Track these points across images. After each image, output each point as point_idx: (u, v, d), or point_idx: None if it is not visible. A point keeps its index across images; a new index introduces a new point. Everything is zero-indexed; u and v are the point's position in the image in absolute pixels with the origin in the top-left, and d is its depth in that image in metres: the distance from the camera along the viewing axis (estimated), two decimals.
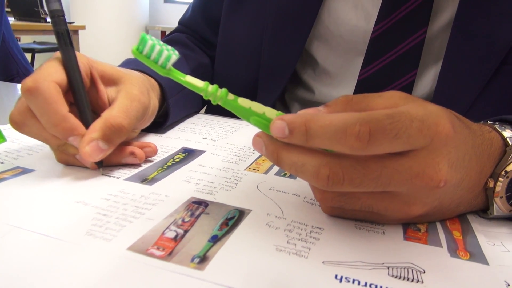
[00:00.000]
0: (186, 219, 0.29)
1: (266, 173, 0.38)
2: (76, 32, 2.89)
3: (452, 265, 0.26)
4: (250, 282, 0.23)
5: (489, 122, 0.33)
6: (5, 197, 0.30)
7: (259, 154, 0.43)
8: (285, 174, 0.38)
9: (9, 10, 3.05)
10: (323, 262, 0.25)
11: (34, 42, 3.78)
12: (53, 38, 4.09)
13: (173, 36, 0.66)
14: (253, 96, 0.59)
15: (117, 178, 0.35)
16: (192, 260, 0.24)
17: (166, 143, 0.45)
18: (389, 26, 0.49)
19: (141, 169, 0.38)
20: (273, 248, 0.26)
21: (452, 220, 0.32)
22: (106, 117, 0.34)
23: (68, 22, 2.96)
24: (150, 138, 0.47)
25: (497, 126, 0.32)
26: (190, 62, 0.58)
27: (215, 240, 0.26)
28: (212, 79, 0.64)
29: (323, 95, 0.59)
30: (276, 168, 0.40)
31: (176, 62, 0.28)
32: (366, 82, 0.52)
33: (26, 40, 3.98)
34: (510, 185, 0.30)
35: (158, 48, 0.28)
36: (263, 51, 0.58)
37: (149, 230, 0.27)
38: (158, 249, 0.25)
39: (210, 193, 0.33)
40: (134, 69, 0.44)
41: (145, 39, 0.27)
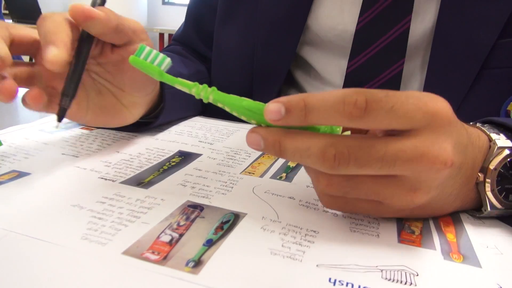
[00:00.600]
0: (182, 223, 0.29)
1: (261, 176, 0.39)
2: None
3: (445, 268, 0.26)
4: (244, 286, 0.23)
5: (471, 123, 0.34)
6: (1, 201, 0.31)
7: (255, 158, 0.43)
8: (280, 177, 0.39)
9: (6, 12, 3.05)
10: (317, 265, 0.25)
11: None
12: None
13: (169, 48, 0.67)
14: None
15: (113, 181, 0.35)
16: (186, 264, 0.24)
17: (163, 147, 0.45)
18: (372, 17, 0.50)
19: (137, 172, 0.38)
20: (267, 251, 0.26)
21: (446, 222, 0.32)
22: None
23: None
24: (146, 140, 0.47)
25: (479, 125, 0.33)
26: (189, 67, 0.59)
27: (210, 244, 0.26)
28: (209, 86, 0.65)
29: None
30: (271, 171, 0.40)
31: (174, 66, 0.30)
32: (354, 74, 0.53)
33: None
34: (499, 178, 0.30)
35: (154, 52, 0.31)
36: (256, 59, 0.59)
37: (144, 234, 0.27)
38: (153, 253, 0.25)
39: (205, 196, 0.33)
40: None
41: (142, 47, 0.31)
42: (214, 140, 0.49)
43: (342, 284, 0.24)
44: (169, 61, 0.32)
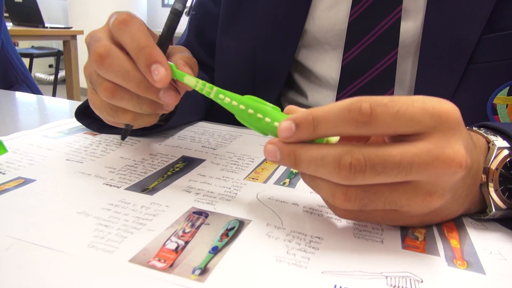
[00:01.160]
0: (187, 230, 0.29)
1: (265, 182, 0.39)
2: (74, 37, 2.90)
3: (449, 274, 0.26)
4: None
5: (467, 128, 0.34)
6: (7, 209, 0.31)
7: (258, 163, 0.44)
8: (284, 183, 0.39)
9: (7, 15, 3.06)
10: (322, 272, 0.25)
11: (32, 47, 3.78)
12: (50, 43, 4.09)
13: None
14: None
15: (117, 187, 0.36)
16: (193, 272, 0.24)
17: (166, 152, 0.46)
18: (363, 9, 0.51)
19: (141, 178, 0.38)
20: (273, 259, 0.26)
21: (449, 228, 0.32)
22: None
23: (66, 27, 2.95)
24: (150, 146, 0.47)
25: (475, 129, 0.33)
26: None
27: (216, 251, 0.27)
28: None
29: (315, 100, 0.61)
30: (275, 177, 0.40)
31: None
32: (350, 67, 0.54)
33: (24, 45, 3.98)
34: (501, 178, 0.31)
35: None
36: (257, 63, 0.60)
37: (150, 242, 0.27)
38: (159, 261, 0.25)
39: (210, 203, 0.34)
40: None
41: None
42: (217, 145, 0.49)
43: None
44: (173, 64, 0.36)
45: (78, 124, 0.53)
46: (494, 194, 0.31)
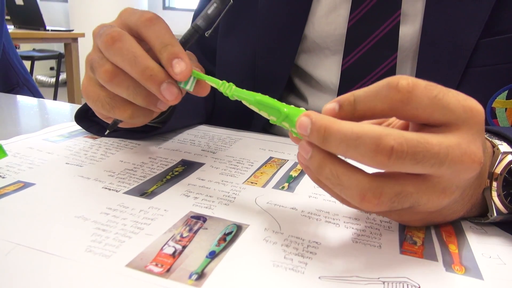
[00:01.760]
0: (185, 234, 0.29)
1: (264, 186, 0.39)
2: (75, 39, 2.91)
3: (447, 280, 0.26)
4: None
5: None
6: (7, 213, 0.31)
7: (258, 167, 0.44)
8: (283, 187, 0.39)
9: (8, 18, 3.07)
10: (320, 277, 0.25)
11: (34, 50, 3.79)
12: (52, 46, 4.10)
13: None
14: None
15: (116, 191, 0.36)
16: (190, 276, 0.24)
17: (166, 156, 0.46)
18: (363, 14, 0.51)
19: (140, 182, 0.38)
20: (270, 264, 0.26)
21: (448, 232, 0.32)
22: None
23: (68, 30, 2.96)
24: (149, 149, 0.47)
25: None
26: None
27: (213, 256, 0.27)
28: (213, 99, 0.68)
29: (316, 104, 0.61)
30: (274, 181, 0.40)
31: None
32: (349, 71, 0.54)
33: (25, 47, 4.00)
34: (504, 183, 0.31)
35: None
36: (257, 68, 0.60)
37: (148, 246, 0.27)
38: (156, 265, 0.25)
39: (208, 207, 0.34)
40: None
41: None
42: (216, 149, 0.49)
43: None
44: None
45: (79, 127, 0.53)
46: (496, 198, 0.31)
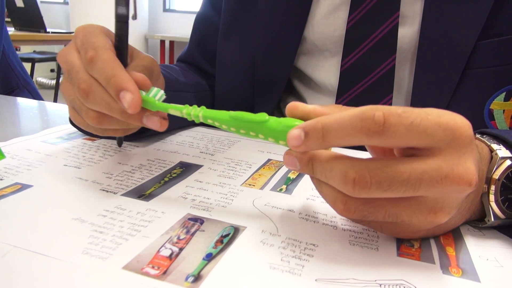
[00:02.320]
0: (182, 237, 0.29)
1: (262, 188, 0.39)
2: None
3: (443, 282, 0.26)
4: None
5: None
6: (4, 215, 0.31)
7: (256, 169, 0.44)
8: (281, 190, 0.39)
9: (9, 20, 3.08)
10: (316, 280, 0.25)
11: (34, 52, 3.80)
12: (52, 48, 4.10)
13: (172, 65, 0.69)
14: (250, 110, 0.61)
15: (114, 193, 0.36)
16: (186, 279, 0.24)
17: (164, 158, 0.46)
18: (362, 15, 0.51)
19: (138, 184, 0.38)
20: (267, 266, 0.26)
21: (445, 235, 0.32)
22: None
23: (67, 32, 2.96)
24: (148, 151, 0.47)
25: (478, 136, 0.33)
26: (187, 77, 0.60)
27: (210, 258, 0.27)
28: (212, 100, 0.68)
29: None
30: (272, 183, 0.40)
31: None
32: (348, 72, 0.54)
33: (26, 49, 4.00)
34: (502, 188, 0.31)
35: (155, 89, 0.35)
36: (256, 70, 0.60)
37: (144, 248, 0.27)
38: (153, 267, 0.25)
39: (206, 209, 0.34)
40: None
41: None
42: (215, 150, 0.49)
43: None
44: (163, 93, 0.35)
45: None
46: (494, 204, 0.31)
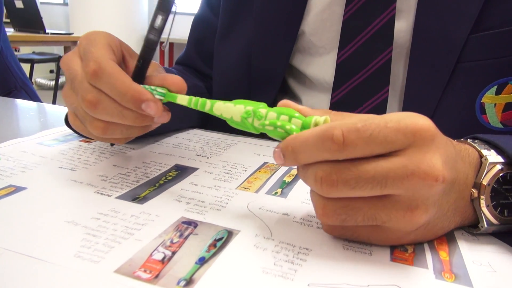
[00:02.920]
0: (175, 240, 0.29)
1: (257, 191, 0.39)
2: (75, 43, 2.92)
3: (436, 287, 0.26)
4: None
5: (462, 139, 0.34)
6: None
7: (251, 172, 0.44)
8: (276, 193, 0.39)
9: (8, 21, 3.08)
10: (308, 285, 0.25)
11: (33, 53, 3.80)
12: (51, 49, 4.09)
13: (170, 67, 0.69)
14: None
15: (108, 196, 0.36)
16: (178, 283, 0.24)
17: (160, 160, 0.46)
18: (358, 7, 0.51)
19: (133, 187, 0.38)
20: (259, 270, 0.26)
21: (439, 240, 0.32)
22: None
23: (68, 33, 2.96)
24: (144, 154, 0.47)
25: (470, 141, 0.33)
26: (185, 79, 0.60)
27: (202, 262, 0.27)
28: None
29: (309, 104, 0.62)
30: (267, 186, 0.40)
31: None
32: (344, 65, 0.54)
33: (25, 50, 4.00)
34: (493, 193, 0.31)
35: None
36: (252, 69, 0.61)
37: (137, 252, 0.27)
38: (145, 271, 0.25)
39: (200, 212, 0.34)
40: None
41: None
42: (211, 153, 0.49)
43: None
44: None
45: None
46: (485, 209, 0.31)
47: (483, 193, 0.30)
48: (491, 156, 0.31)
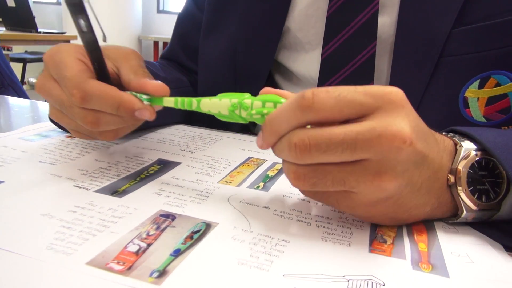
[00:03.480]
0: (151, 233, 0.29)
1: (239, 185, 0.38)
2: (67, 42, 2.90)
3: (412, 278, 0.26)
4: None
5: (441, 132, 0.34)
6: None
7: (235, 166, 0.43)
8: (258, 187, 0.38)
9: (0, 20, 3.05)
10: (284, 275, 0.25)
11: (26, 52, 3.77)
12: (44, 48, 4.08)
13: (153, 62, 0.68)
14: None
15: (87, 189, 0.35)
16: (151, 274, 0.24)
17: (143, 155, 0.45)
18: (342, 2, 0.51)
19: (113, 180, 0.38)
20: (235, 261, 0.26)
21: (419, 231, 0.32)
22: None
23: (60, 33, 2.94)
24: (127, 149, 0.47)
25: (444, 133, 0.34)
26: (167, 73, 0.60)
27: (177, 253, 0.26)
28: (194, 97, 0.68)
29: None
30: (249, 181, 0.40)
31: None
32: (329, 60, 0.54)
33: (17, 49, 3.97)
34: (469, 179, 0.31)
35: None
36: (237, 65, 0.60)
37: (111, 244, 0.27)
38: (118, 263, 0.25)
39: (179, 206, 0.33)
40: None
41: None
42: (195, 148, 0.49)
43: None
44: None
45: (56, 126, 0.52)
46: (463, 194, 0.31)
47: (460, 178, 0.31)
48: (465, 143, 0.32)
